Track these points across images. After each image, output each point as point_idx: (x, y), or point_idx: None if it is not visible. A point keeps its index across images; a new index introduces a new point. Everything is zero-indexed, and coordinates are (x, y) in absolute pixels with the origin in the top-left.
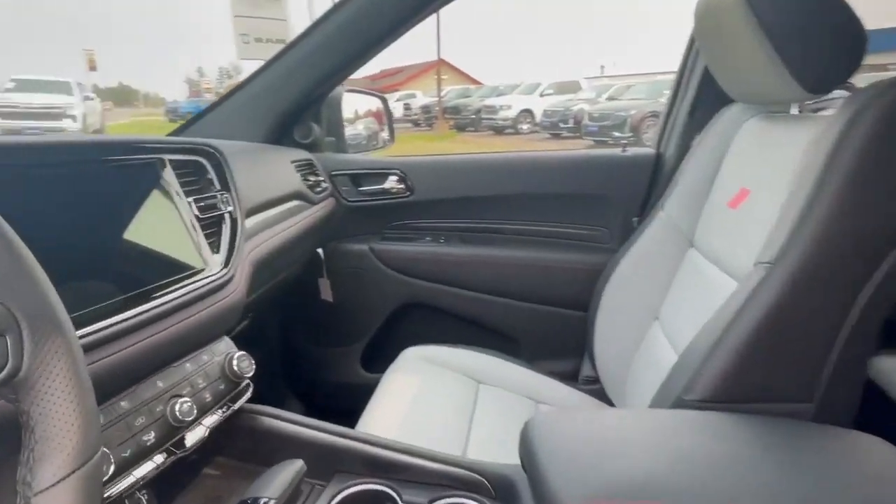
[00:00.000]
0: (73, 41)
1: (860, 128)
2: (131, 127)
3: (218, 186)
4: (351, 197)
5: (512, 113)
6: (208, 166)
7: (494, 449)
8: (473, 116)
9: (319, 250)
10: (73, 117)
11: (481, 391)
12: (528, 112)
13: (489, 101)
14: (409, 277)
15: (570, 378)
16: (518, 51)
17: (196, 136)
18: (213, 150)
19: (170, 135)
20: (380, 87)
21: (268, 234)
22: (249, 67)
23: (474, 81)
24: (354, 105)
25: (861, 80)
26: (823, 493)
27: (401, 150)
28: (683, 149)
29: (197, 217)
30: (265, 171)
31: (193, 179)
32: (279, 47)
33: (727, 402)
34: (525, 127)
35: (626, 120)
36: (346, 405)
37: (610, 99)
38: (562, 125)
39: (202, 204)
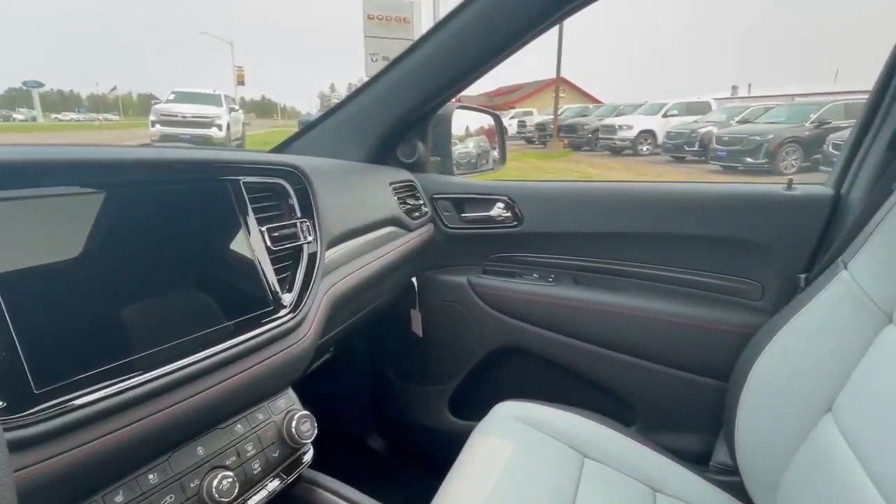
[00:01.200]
0: (228, 60)
1: None
2: (267, 136)
3: (299, 213)
4: (452, 223)
5: (632, 133)
6: (290, 190)
7: None
8: (590, 136)
9: (413, 279)
10: (220, 126)
11: (587, 468)
12: (649, 133)
13: (608, 121)
14: (511, 318)
15: (697, 461)
16: (643, 69)
17: (296, 154)
18: (296, 172)
19: (271, 151)
20: (496, 104)
21: (354, 265)
22: None
23: (594, 100)
24: (465, 122)
25: None
26: None
27: (511, 167)
28: (878, 192)
29: (269, 249)
30: (358, 195)
31: (272, 205)
32: (406, 26)
33: None
34: (645, 148)
35: (763, 145)
36: (429, 450)
37: (743, 122)
38: (686, 148)
39: (277, 234)
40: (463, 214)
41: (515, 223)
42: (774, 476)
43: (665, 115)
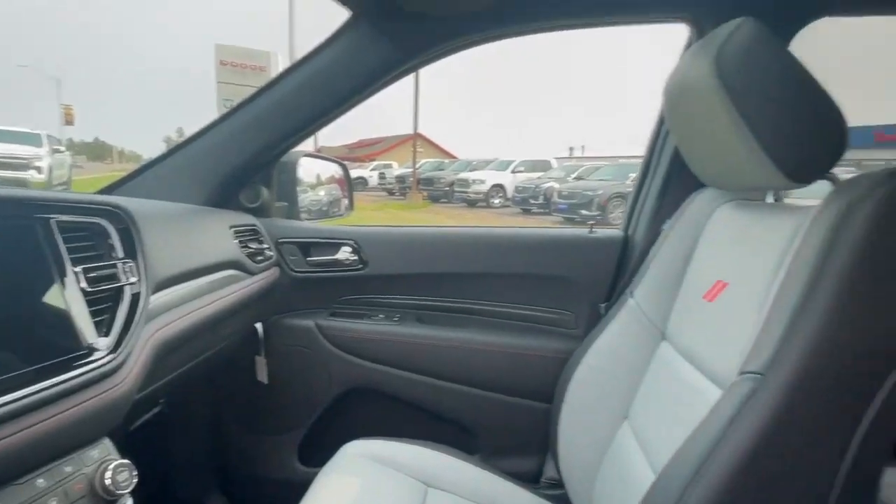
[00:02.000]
0: (53, 97)
1: (857, 222)
2: (98, 181)
3: (120, 254)
4: (298, 267)
5: (484, 187)
6: (110, 229)
7: None
8: (447, 188)
9: (258, 325)
10: (39, 169)
11: (430, 497)
12: (500, 187)
13: (463, 175)
14: (359, 359)
15: (533, 480)
16: (493, 130)
17: (127, 195)
18: (117, 211)
19: (98, 191)
20: (356, 155)
21: (185, 308)
22: None
23: (449, 155)
24: (315, 171)
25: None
26: None
27: (374, 217)
28: (653, 232)
29: (84, 290)
30: (193, 237)
31: (89, 245)
32: (261, 74)
33: None
34: (497, 201)
35: (594, 199)
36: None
37: (578, 179)
38: (532, 201)
39: (94, 275)
40: (309, 258)
41: (361, 266)
42: (589, 482)
43: (513, 171)
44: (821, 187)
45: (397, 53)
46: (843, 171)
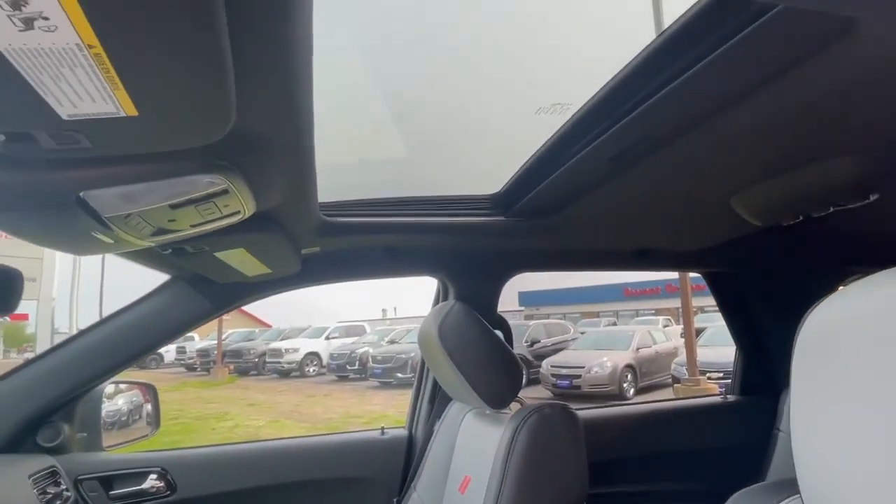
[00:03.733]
0: None
1: (519, 440)
2: None
3: None
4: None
5: (298, 356)
6: None
7: None
8: (257, 360)
9: None
10: None
11: None
12: (314, 355)
13: (275, 345)
14: None
15: None
16: (306, 295)
17: None
18: None
19: None
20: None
21: None
22: None
23: (262, 323)
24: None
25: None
26: None
27: (170, 399)
28: (428, 430)
29: None
30: None
31: None
32: (32, 285)
33: None
34: (312, 369)
35: (408, 362)
36: None
37: (391, 342)
38: (349, 367)
39: None
40: (112, 492)
41: (169, 493)
42: None
43: (328, 338)
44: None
45: (210, 306)
46: (603, 318)
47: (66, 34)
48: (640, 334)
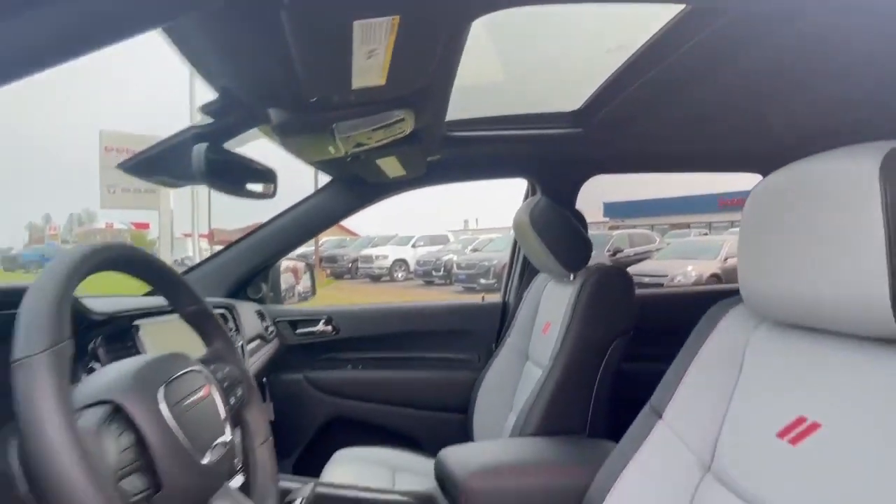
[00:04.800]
0: None
1: (584, 290)
2: None
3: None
4: (290, 337)
5: (388, 262)
6: (229, 315)
7: None
8: (350, 265)
9: (264, 379)
10: None
11: (397, 476)
12: (402, 261)
13: (365, 251)
14: (334, 397)
15: None
16: (391, 207)
17: None
18: (232, 304)
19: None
20: None
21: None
22: (103, 214)
23: (351, 233)
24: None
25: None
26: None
27: None
28: (518, 298)
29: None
30: (247, 319)
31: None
32: (147, 195)
33: (542, 434)
34: (400, 275)
35: (491, 268)
36: None
37: (475, 250)
38: (434, 273)
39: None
40: (297, 331)
41: (334, 332)
42: None
43: (414, 246)
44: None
45: (359, 202)
46: (693, 229)
47: None
48: (730, 243)
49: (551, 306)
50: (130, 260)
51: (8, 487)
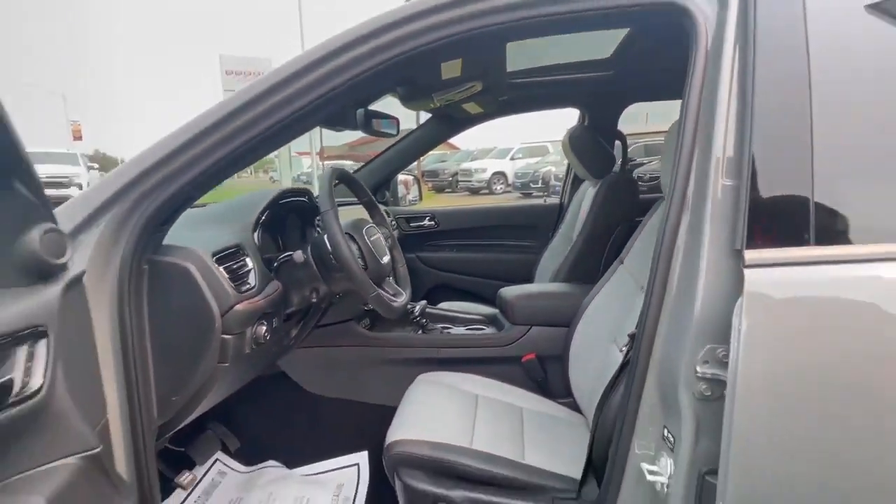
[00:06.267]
0: (61, 113)
1: (600, 191)
2: None
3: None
4: (405, 229)
5: (486, 175)
6: None
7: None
8: (451, 179)
9: None
10: (80, 185)
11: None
12: (501, 174)
13: (465, 165)
14: (439, 270)
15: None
16: (495, 123)
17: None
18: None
19: None
20: (358, 153)
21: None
22: None
23: (451, 147)
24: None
25: None
26: (571, 289)
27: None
28: (569, 199)
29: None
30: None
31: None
32: None
33: (566, 280)
34: (499, 188)
35: (540, 177)
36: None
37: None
38: (532, 185)
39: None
40: (410, 224)
41: (437, 226)
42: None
43: (512, 158)
44: None
45: (450, 131)
46: None
47: None
48: None
49: (586, 205)
50: (343, 175)
51: (294, 268)
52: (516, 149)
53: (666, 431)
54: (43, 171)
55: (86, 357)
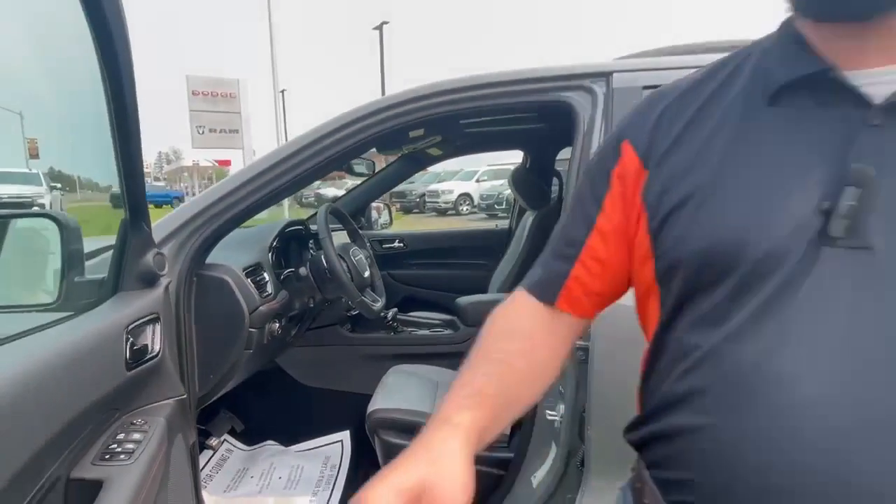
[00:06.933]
0: (17, 131)
1: (535, 219)
2: (84, 209)
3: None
4: (378, 250)
5: (453, 196)
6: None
7: None
8: (418, 200)
9: None
10: (42, 206)
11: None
12: (467, 196)
13: (432, 187)
14: (407, 285)
15: None
16: None
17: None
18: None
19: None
20: (331, 175)
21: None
22: (189, 153)
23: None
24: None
25: None
26: None
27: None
28: (516, 225)
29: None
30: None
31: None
32: (231, 136)
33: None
34: (465, 209)
35: (504, 198)
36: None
37: None
38: (497, 206)
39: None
40: (383, 245)
41: (404, 246)
42: None
43: (478, 181)
44: None
45: (416, 167)
46: None
47: None
48: None
49: (526, 230)
50: (335, 210)
51: (298, 280)
52: (482, 171)
53: (560, 387)
54: (3, 191)
55: (171, 337)
